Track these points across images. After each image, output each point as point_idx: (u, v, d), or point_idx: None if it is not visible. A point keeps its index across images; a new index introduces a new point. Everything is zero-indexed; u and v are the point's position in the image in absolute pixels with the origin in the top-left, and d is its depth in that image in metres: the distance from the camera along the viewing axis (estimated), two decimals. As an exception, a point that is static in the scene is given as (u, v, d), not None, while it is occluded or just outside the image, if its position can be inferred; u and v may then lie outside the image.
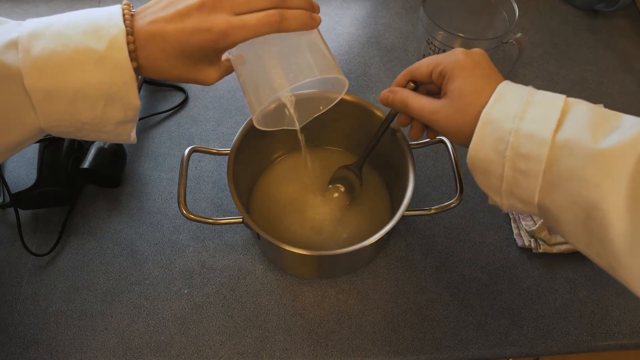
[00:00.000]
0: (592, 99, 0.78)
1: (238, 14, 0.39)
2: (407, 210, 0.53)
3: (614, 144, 0.36)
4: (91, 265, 0.62)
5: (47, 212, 0.65)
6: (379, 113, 0.60)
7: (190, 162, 0.69)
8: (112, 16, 0.38)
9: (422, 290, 0.61)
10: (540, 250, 0.62)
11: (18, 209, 0.62)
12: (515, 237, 0.64)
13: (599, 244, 0.37)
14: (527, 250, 0.64)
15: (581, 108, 0.39)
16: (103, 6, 0.41)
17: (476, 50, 0.46)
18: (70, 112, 0.38)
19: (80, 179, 0.66)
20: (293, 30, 0.41)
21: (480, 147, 0.41)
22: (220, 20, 0.38)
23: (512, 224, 0.65)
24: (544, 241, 0.62)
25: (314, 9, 0.43)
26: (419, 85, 0.50)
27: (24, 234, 0.62)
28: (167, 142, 0.72)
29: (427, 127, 0.51)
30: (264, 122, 0.48)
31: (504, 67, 0.80)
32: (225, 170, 0.56)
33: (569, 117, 0.38)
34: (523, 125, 0.39)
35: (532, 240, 0.63)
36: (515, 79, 0.80)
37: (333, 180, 0.65)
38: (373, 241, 0.51)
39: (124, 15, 0.39)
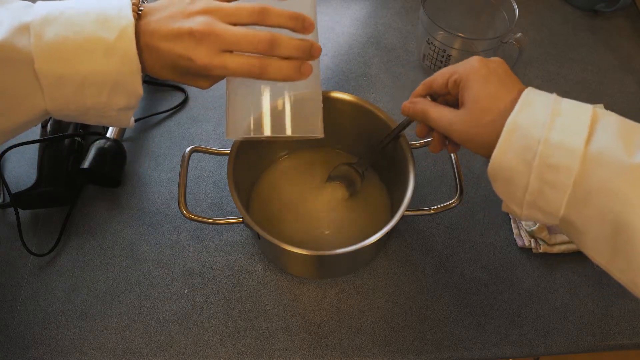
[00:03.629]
0: (592, 99, 0.78)
1: (224, 51, 0.40)
2: (407, 210, 0.53)
3: None
4: (91, 265, 0.62)
5: (47, 212, 0.65)
6: (379, 113, 0.60)
7: (190, 162, 0.69)
8: (122, 9, 0.40)
9: (422, 290, 0.61)
10: (540, 250, 0.62)
11: (18, 209, 0.62)
12: (515, 237, 0.64)
13: (625, 261, 0.36)
14: (527, 250, 0.64)
15: (610, 119, 0.38)
16: None
17: (494, 58, 0.45)
18: (77, 96, 0.40)
19: (80, 179, 0.66)
20: (274, 80, 0.41)
21: (505, 154, 0.39)
22: (202, 55, 0.39)
23: (512, 224, 0.65)
24: (544, 241, 0.62)
25: (311, 54, 0.41)
26: (436, 98, 0.49)
27: (24, 234, 0.62)
28: (167, 142, 0.72)
29: (448, 140, 0.49)
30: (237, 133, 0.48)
31: (504, 67, 0.80)
32: (225, 170, 0.56)
33: (599, 127, 0.37)
34: (552, 134, 0.37)
35: (532, 240, 0.63)
36: (515, 79, 0.81)
37: (332, 177, 0.65)
38: (373, 241, 0.51)
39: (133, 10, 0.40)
